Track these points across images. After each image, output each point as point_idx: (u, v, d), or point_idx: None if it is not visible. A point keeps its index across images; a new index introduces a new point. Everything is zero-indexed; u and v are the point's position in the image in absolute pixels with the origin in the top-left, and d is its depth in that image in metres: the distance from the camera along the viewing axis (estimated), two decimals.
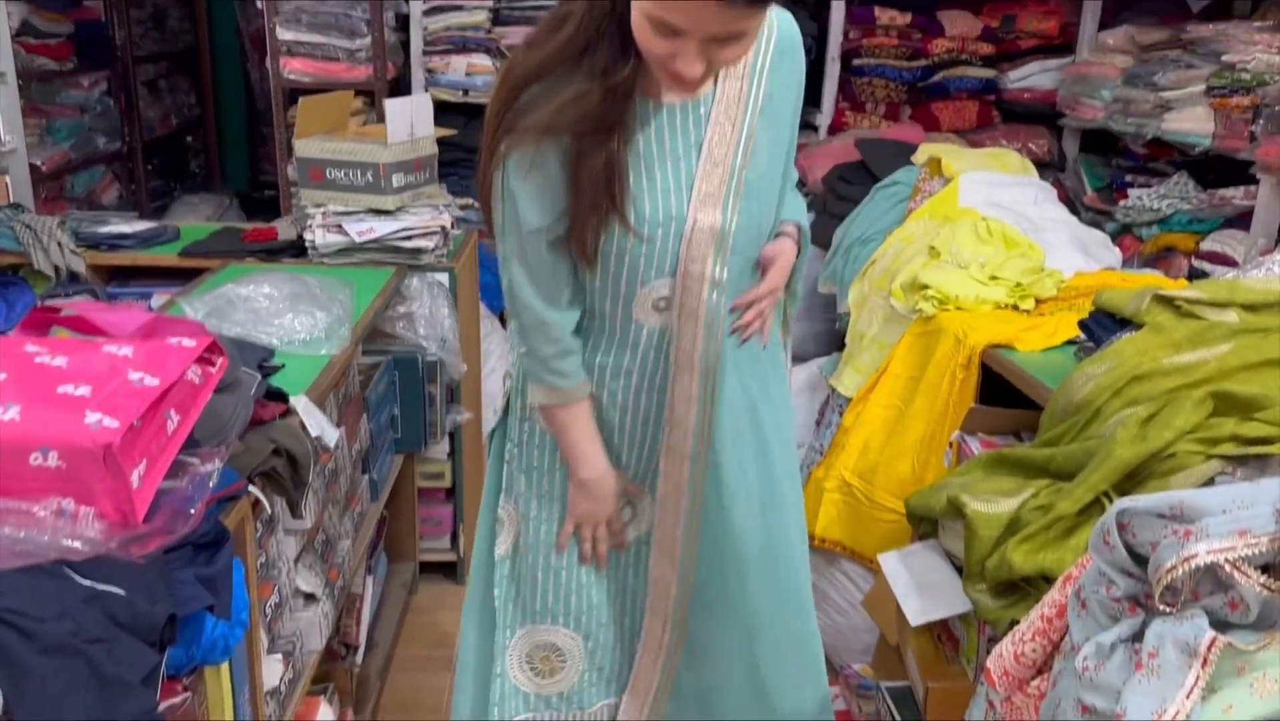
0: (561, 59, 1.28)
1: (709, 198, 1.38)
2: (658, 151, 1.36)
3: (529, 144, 1.30)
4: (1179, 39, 3.26)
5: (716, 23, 1.16)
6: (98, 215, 2.83)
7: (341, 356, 1.96)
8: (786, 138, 1.47)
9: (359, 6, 3.65)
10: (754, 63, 1.38)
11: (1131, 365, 1.68)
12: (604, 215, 1.33)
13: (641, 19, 1.19)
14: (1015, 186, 2.80)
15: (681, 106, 1.36)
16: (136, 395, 1.24)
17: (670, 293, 1.42)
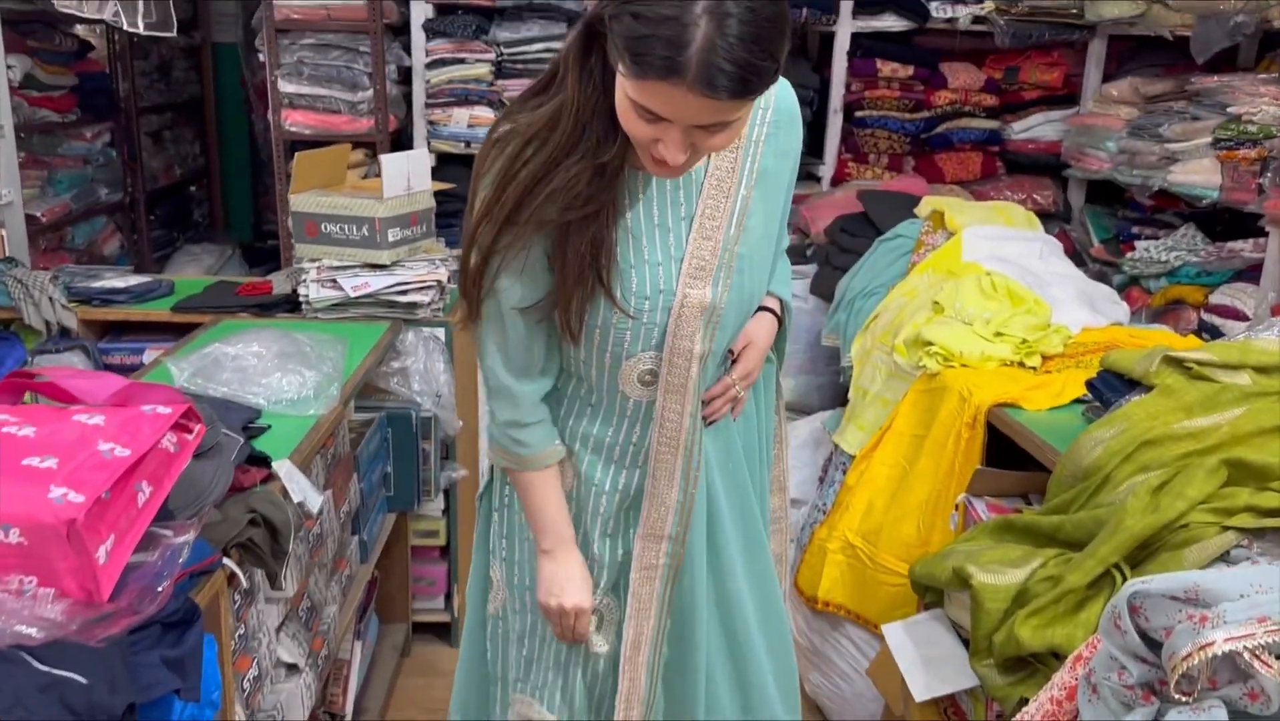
0: (550, 137, 1.23)
1: (699, 272, 1.33)
2: (646, 224, 1.33)
3: (521, 242, 1.27)
4: (1184, 90, 3.24)
5: (700, 112, 1.10)
6: (91, 269, 2.81)
7: (329, 416, 1.91)
8: (780, 208, 1.43)
9: (362, 59, 3.65)
10: (749, 134, 1.34)
11: (1142, 429, 1.63)
12: (590, 292, 1.29)
13: (625, 101, 1.15)
14: (1020, 240, 2.76)
15: (672, 181, 1.33)
16: (105, 467, 1.19)
17: (656, 366, 1.37)
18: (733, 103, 1.09)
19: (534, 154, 1.22)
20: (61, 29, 3.88)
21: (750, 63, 1.05)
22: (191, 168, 5.38)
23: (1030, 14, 3.66)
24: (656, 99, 1.09)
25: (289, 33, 3.62)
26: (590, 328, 1.33)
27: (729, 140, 1.18)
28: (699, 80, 1.05)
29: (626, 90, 1.13)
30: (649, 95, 1.10)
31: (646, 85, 1.08)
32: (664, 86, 1.07)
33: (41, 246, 3.75)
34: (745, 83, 1.06)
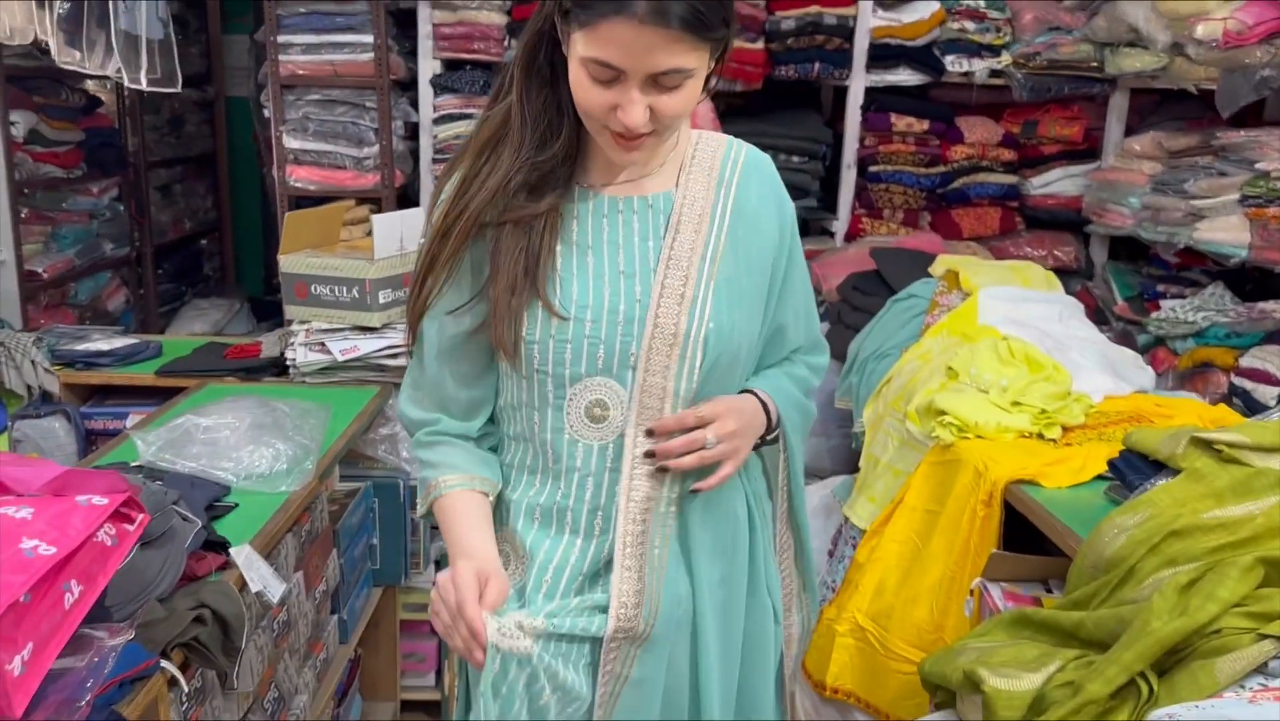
0: (498, 138, 1.22)
1: (669, 299, 1.24)
2: (595, 240, 1.25)
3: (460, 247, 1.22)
4: (1209, 145, 3.14)
5: (654, 53, 1.09)
6: (80, 330, 2.75)
7: (302, 493, 1.82)
8: (764, 273, 1.30)
9: (368, 115, 3.61)
10: (721, 173, 1.29)
11: (1168, 517, 1.50)
12: (523, 299, 1.21)
13: (580, 72, 1.14)
14: (1038, 302, 2.64)
15: (625, 200, 1.27)
16: (26, 567, 1.10)
17: (607, 397, 1.24)
18: (685, 40, 1.09)
19: (484, 162, 1.22)
20: (69, 84, 3.87)
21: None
22: (203, 221, 5.36)
23: (1049, 67, 3.58)
24: (610, 45, 1.09)
25: (295, 88, 3.59)
26: (528, 344, 1.23)
27: (682, 105, 1.15)
28: (650, 11, 1.07)
29: (580, 53, 1.13)
30: (602, 43, 1.10)
31: (599, 31, 1.09)
32: (617, 26, 1.08)
33: (43, 303, 3.70)
34: (696, 13, 1.09)
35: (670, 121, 1.16)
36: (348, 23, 3.51)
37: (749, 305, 1.29)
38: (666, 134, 1.19)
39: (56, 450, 2.41)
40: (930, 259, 3.13)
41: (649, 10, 1.07)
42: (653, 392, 1.24)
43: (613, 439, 1.25)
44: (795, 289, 1.36)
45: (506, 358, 1.24)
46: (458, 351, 1.28)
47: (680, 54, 1.10)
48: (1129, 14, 3.23)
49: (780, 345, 1.38)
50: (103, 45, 3.22)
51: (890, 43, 3.58)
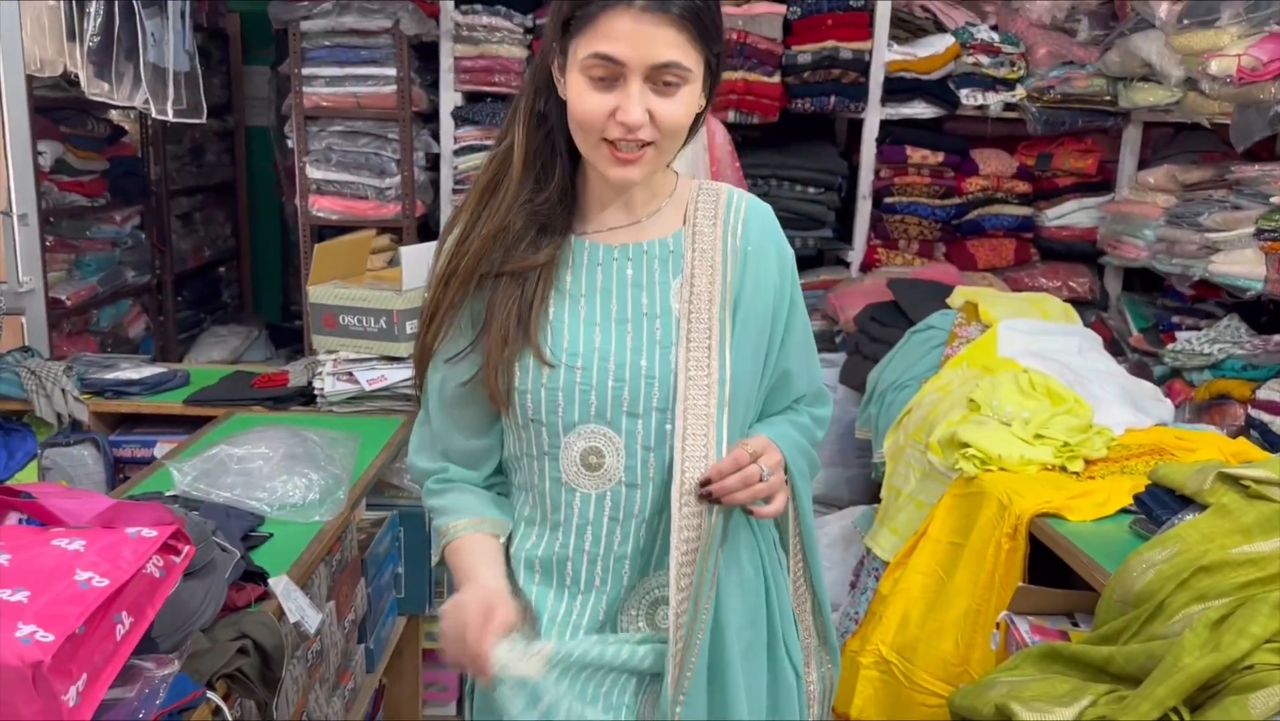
0: (499, 180, 1.25)
1: (698, 349, 1.24)
2: (589, 288, 1.26)
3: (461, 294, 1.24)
4: (1223, 179, 3.16)
5: (653, 44, 1.13)
6: (108, 359, 2.78)
7: (335, 522, 1.84)
8: (767, 322, 1.30)
9: (390, 146, 3.65)
10: (725, 219, 1.29)
11: (1197, 553, 1.52)
12: (515, 348, 1.22)
13: (578, 80, 1.16)
14: (1057, 335, 2.66)
15: (620, 247, 1.27)
16: (81, 599, 1.12)
17: (602, 444, 1.24)
18: (684, 33, 1.13)
19: (483, 207, 1.25)
20: (94, 115, 3.92)
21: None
22: (222, 249, 5.41)
23: (1062, 101, 3.61)
24: (610, 36, 1.13)
25: (318, 120, 3.64)
26: (520, 393, 1.23)
27: (684, 111, 1.17)
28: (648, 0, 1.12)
29: (579, 57, 1.15)
30: (602, 36, 1.13)
31: (599, 25, 1.13)
32: (616, 17, 1.13)
33: (66, 330, 3.74)
34: (692, 7, 1.13)
35: (668, 131, 1.17)
36: (371, 56, 3.56)
37: (753, 352, 1.29)
38: (663, 151, 1.20)
39: (85, 478, 2.43)
40: (947, 290, 3.16)
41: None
42: (695, 439, 1.22)
43: (610, 487, 1.24)
44: (798, 336, 1.35)
45: (500, 407, 1.25)
46: (459, 401, 1.28)
47: (679, 46, 1.14)
48: (1142, 49, 3.27)
49: (785, 393, 1.36)
50: (131, 77, 3.28)
51: (905, 76, 3.62)
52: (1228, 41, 2.76)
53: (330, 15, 3.49)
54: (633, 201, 1.28)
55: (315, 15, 3.50)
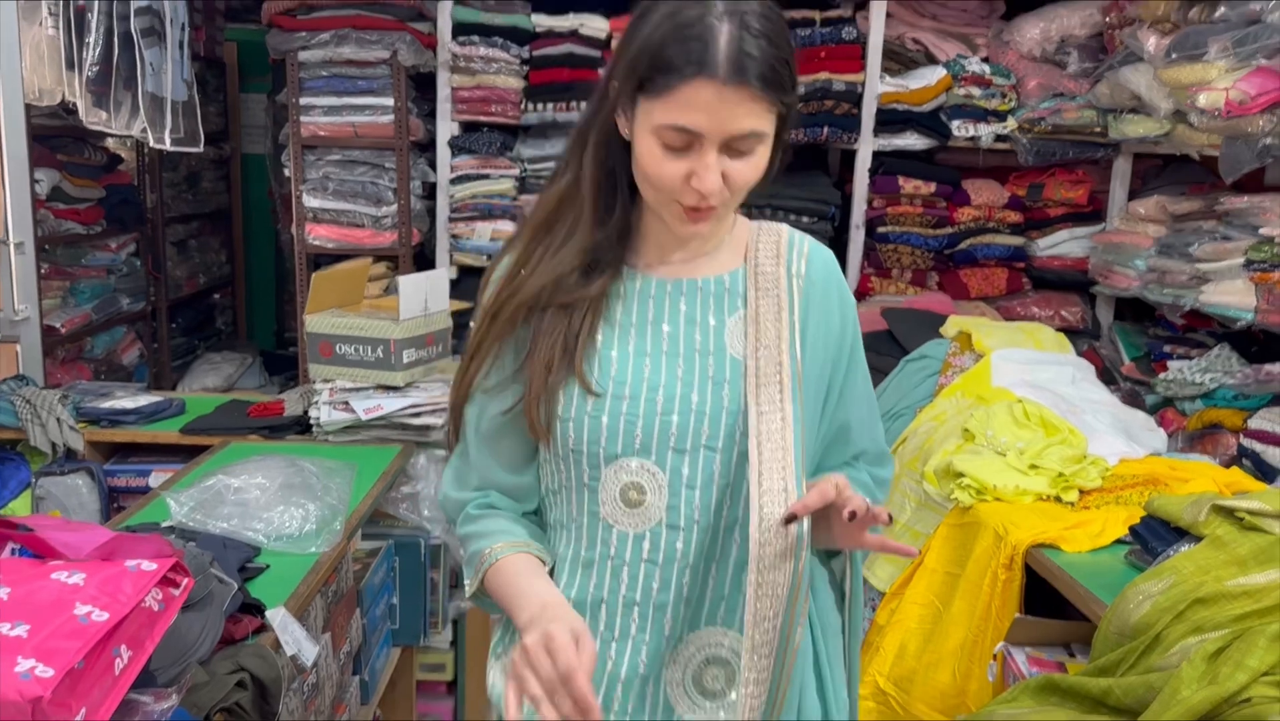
0: (558, 216, 1.22)
1: (768, 388, 1.18)
2: (638, 319, 1.23)
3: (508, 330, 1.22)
4: (1213, 210, 3.19)
5: (732, 114, 1.09)
6: (103, 387, 2.78)
7: (332, 553, 1.83)
8: (826, 370, 1.25)
9: (387, 175, 3.67)
10: (788, 260, 1.26)
11: (1193, 584, 1.52)
12: (559, 376, 1.18)
13: (651, 143, 1.13)
14: (1051, 365, 2.68)
15: (674, 282, 1.24)
16: (80, 634, 1.12)
17: (642, 479, 1.18)
18: (762, 100, 1.09)
19: (538, 245, 1.22)
20: (91, 143, 3.93)
21: (775, 54, 1.10)
22: (216, 276, 5.41)
23: (1053, 132, 3.65)
24: (688, 108, 1.09)
25: (315, 149, 3.66)
26: (562, 421, 1.19)
27: (753, 173, 1.14)
28: (730, 70, 1.08)
29: (654, 122, 1.11)
30: (681, 107, 1.09)
31: (678, 95, 1.09)
32: (697, 89, 1.08)
33: (60, 357, 3.73)
34: (773, 71, 1.09)
35: (740, 190, 1.15)
36: (369, 86, 3.58)
37: (813, 397, 1.24)
38: (732, 205, 1.18)
39: (79, 508, 2.42)
40: (941, 319, 3.18)
41: (730, 69, 1.07)
42: (773, 476, 1.14)
43: (649, 527, 1.19)
44: (858, 388, 1.30)
45: (540, 437, 1.20)
46: (498, 432, 1.24)
47: (757, 115, 1.10)
48: (1131, 82, 3.31)
49: (844, 447, 1.30)
50: (129, 106, 3.29)
51: (897, 108, 3.65)
52: (1215, 75, 2.79)
53: (328, 46, 3.51)
54: (689, 241, 1.25)
55: (313, 46, 3.52)
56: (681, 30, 1.09)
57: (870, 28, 3.61)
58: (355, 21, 3.49)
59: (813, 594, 1.24)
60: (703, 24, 1.08)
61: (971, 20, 3.78)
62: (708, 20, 1.09)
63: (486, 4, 3.75)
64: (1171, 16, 3.07)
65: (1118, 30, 3.47)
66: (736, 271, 1.26)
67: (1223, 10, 2.79)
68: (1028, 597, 2.03)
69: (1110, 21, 3.55)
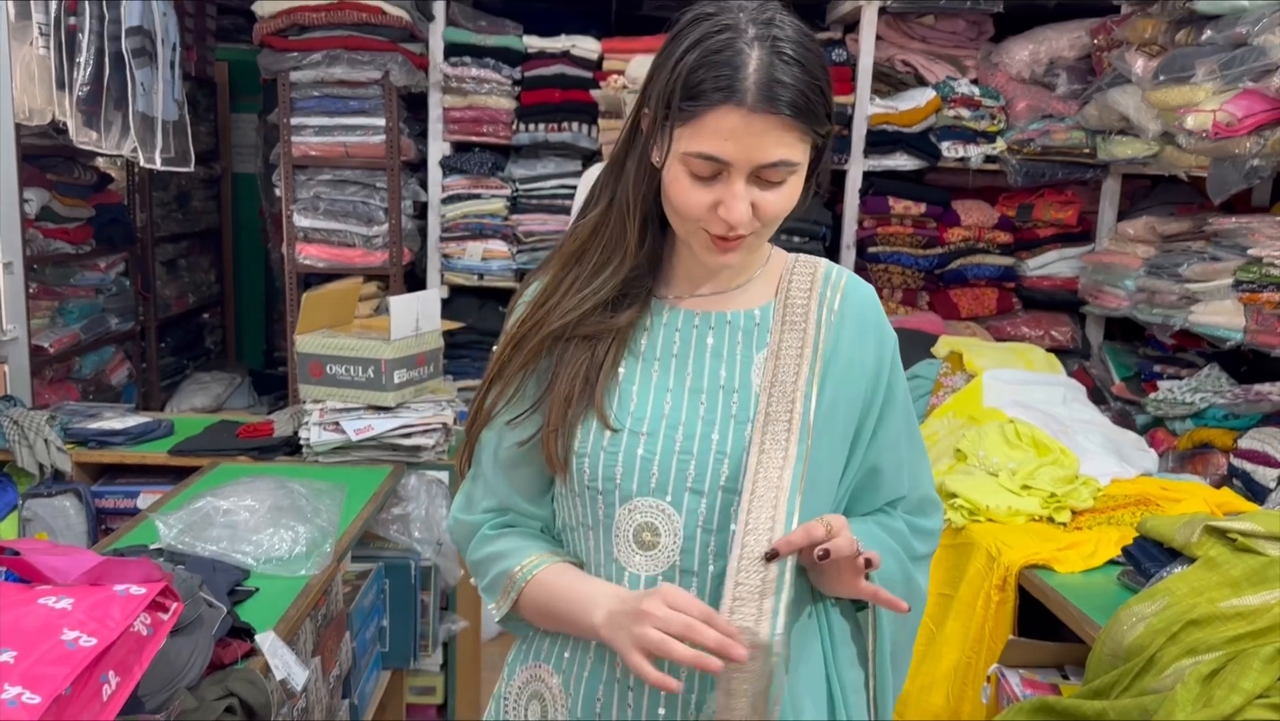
0: (591, 243, 1.18)
1: (776, 427, 1.12)
2: (662, 352, 1.18)
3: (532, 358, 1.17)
4: (1201, 230, 3.21)
5: (761, 142, 1.05)
6: (92, 408, 2.76)
7: (321, 576, 1.82)
8: (856, 410, 1.17)
9: (378, 195, 3.67)
10: (822, 295, 1.19)
11: (1186, 606, 1.52)
12: (580, 409, 1.15)
13: (679, 171, 1.09)
14: (1042, 385, 2.69)
15: (703, 315, 1.19)
16: (68, 660, 1.10)
17: (658, 520, 1.13)
18: (793, 130, 1.05)
19: (567, 273, 1.18)
20: (81, 162, 3.93)
21: (807, 81, 1.06)
22: (206, 295, 5.40)
23: (1042, 153, 3.67)
24: (716, 136, 1.05)
25: (306, 168, 3.66)
26: (578, 456, 1.15)
27: (788, 200, 1.10)
28: (760, 97, 1.04)
29: (682, 149, 1.08)
30: (709, 134, 1.06)
31: (706, 122, 1.06)
32: (724, 116, 1.05)
33: (48, 377, 3.71)
34: (805, 98, 1.06)
35: (771, 221, 1.11)
36: (360, 106, 3.59)
37: (840, 438, 1.17)
38: (764, 235, 1.13)
39: (66, 530, 2.40)
40: (932, 339, 3.19)
41: (759, 96, 1.04)
42: (761, 511, 1.09)
43: (662, 570, 1.13)
44: (894, 430, 1.21)
45: (556, 471, 1.16)
46: (516, 462, 1.20)
47: (788, 144, 1.06)
48: (1120, 103, 3.34)
49: (874, 492, 1.22)
50: (119, 126, 3.29)
51: (887, 129, 3.68)
52: (1203, 97, 2.82)
53: (320, 66, 3.52)
54: (720, 272, 1.20)
55: (305, 66, 3.53)
56: (710, 56, 1.06)
57: (860, 50, 3.64)
58: (347, 42, 3.50)
59: (832, 648, 1.19)
60: (732, 49, 1.05)
61: (960, 43, 3.82)
62: (738, 45, 1.05)
63: (478, 25, 3.76)
64: (1159, 39, 3.10)
65: (1106, 52, 3.51)
66: (768, 305, 1.20)
67: (1209, 33, 2.81)
68: (1021, 619, 2.03)
69: (1098, 44, 3.58)
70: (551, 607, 1.16)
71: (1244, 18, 2.65)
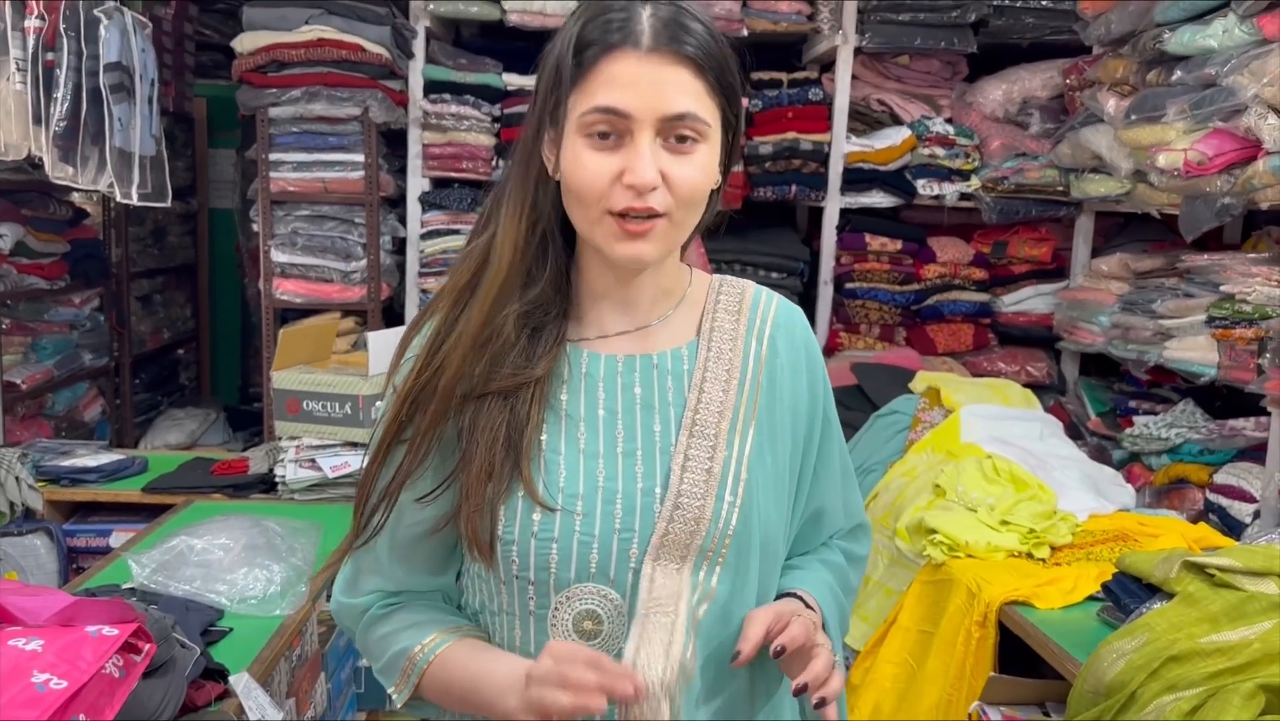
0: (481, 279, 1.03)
1: (694, 475, 1.01)
2: (586, 409, 1.04)
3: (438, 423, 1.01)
4: (1174, 267, 3.25)
5: (663, 91, 0.96)
6: (65, 445, 2.72)
7: (297, 616, 1.80)
8: (798, 449, 1.10)
9: (356, 230, 3.66)
10: (750, 322, 1.10)
11: (1165, 642, 1.52)
12: (503, 485, 0.99)
13: (578, 146, 0.98)
14: (1019, 420, 2.70)
15: (626, 360, 1.06)
16: (38, 702, 1.08)
17: (600, 607, 1.01)
18: (696, 79, 0.97)
19: (461, 311, 1.03)
20: (56, 197, 3.90)
21: (708, 36, 0.99)
22: (181, 331, 5.36)
23: (1016, 191, 3.72)
24: (614, 84, 0.96)
25: (284, 204, 3.65)
26: (505, 544, 1.00)
27: (702, 175, 0.99)
28: (658, 39, 0.96)
29: (578, 113, 0.98)
30: (604, 84, 0.96)
31: (600, 72, 0.96)
32: (619, 60, 0.96)
33: (19, 414, 3.66)
34: (708, 45, 0.98)
35: (684, 198, 0.98)
36: (339, 142, 3.59)
37: (777, 486, 1.07)
38: (677, 222, 1.00)
39: (37, 569, 2.36)
40: (910, 374, 3.20)
41: (655, 38, 0.96)
42: (664, 597, 0.98)
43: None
44: (833, 466, 1.15)
45: (480, 559, 1.01)
46: (418, 541, 1.05)
47: (694, 95, 0.97)
48: (1092, 142, 3.39)
49: (817, 531, 1.17)
50: (95, 161, 3.27)
51: (864, 167, 3.72)
52: (1174, 136, 2.87)
53: (299, 102, 3.52)
54: (637, 300, 1.07)
55: (284, 102, 3.53)
56: (600, 16, 0.98)
57: (836, 89, 3.68)
58: (326, 79, 3.51)
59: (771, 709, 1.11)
60: (625, 5, 0.98)
61: (935, 82, 3.87)
62: (630, 4, 0.98)
63: (458, 63, 3.78)
64: (1130, 79, 3.16)
65: (1078, 92, 3.57)
66: (695, 342, 1.09)
67: (1179, 74, 2.87)
68: (1002, 655, 2.02)
69: (1070, 84, 3.65)
70: (456, 688, 1.03)
71: (1213, 59, 2.71)
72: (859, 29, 3.65)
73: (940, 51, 3.73)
